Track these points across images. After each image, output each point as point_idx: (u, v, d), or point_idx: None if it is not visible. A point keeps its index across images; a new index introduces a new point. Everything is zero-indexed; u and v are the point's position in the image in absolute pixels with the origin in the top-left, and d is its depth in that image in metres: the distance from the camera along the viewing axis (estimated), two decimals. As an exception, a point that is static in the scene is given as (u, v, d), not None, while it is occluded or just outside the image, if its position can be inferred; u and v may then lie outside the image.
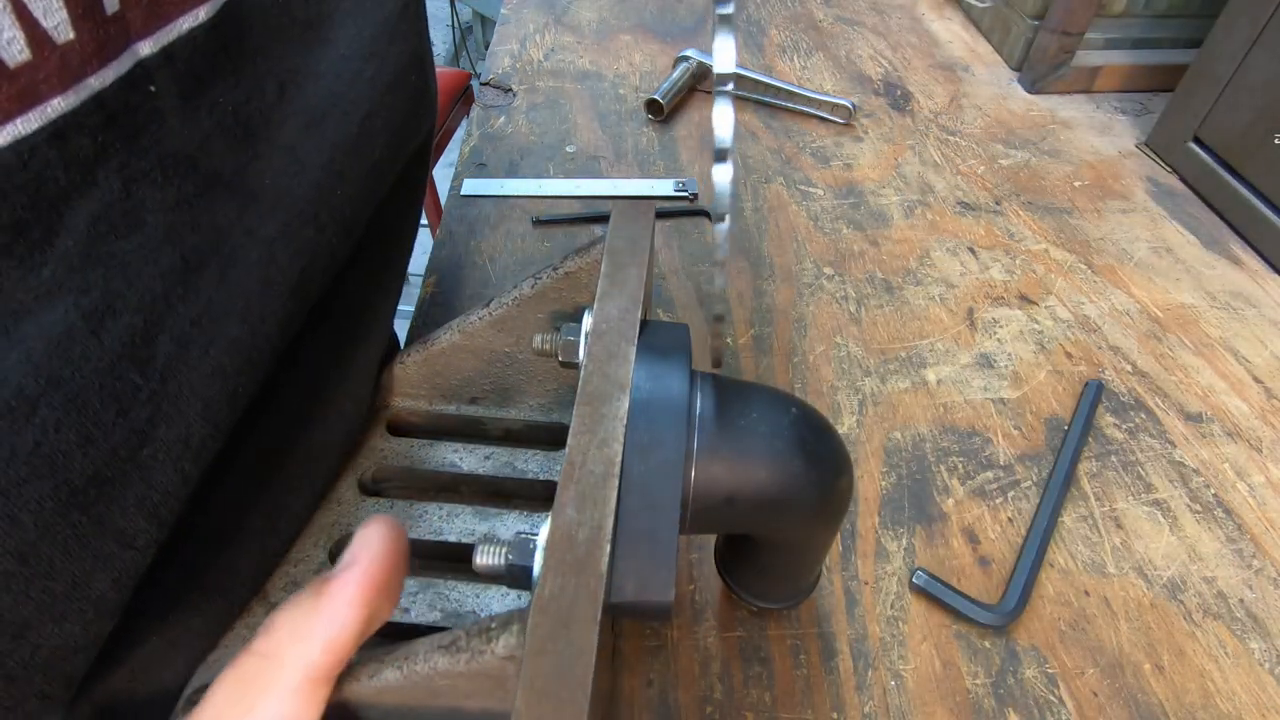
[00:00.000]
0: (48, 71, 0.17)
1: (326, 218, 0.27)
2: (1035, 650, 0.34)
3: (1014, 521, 0.38)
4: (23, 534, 0.18)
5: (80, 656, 0.21)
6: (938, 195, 0.59)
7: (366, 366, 0.35)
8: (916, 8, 0.83)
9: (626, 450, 0.23)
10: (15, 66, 0.16)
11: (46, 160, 0.18)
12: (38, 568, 0.19)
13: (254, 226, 0.24)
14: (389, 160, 0.32)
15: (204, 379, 0.23)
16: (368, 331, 0.35)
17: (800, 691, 0.32)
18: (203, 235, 0.23)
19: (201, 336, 0.23)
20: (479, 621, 0.21)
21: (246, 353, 0.24)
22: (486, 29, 2.10)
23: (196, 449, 0.23)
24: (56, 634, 0.20)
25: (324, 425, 0.33)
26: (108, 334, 0.20)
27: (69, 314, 0.19)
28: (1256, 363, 0.47)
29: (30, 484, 0.18)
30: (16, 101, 0.17)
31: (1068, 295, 0.51)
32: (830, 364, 0.46)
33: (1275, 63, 0.53)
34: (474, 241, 0.52)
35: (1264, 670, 0.34)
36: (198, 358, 0.23)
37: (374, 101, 0.30)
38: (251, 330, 0.24)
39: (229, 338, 0.24)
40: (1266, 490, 0.41)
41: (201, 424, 0.23)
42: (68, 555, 0.19)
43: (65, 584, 0.20)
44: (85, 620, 0.20)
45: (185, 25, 0.21)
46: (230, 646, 0.30)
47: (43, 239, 0.18)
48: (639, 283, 0.28)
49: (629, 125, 0.63)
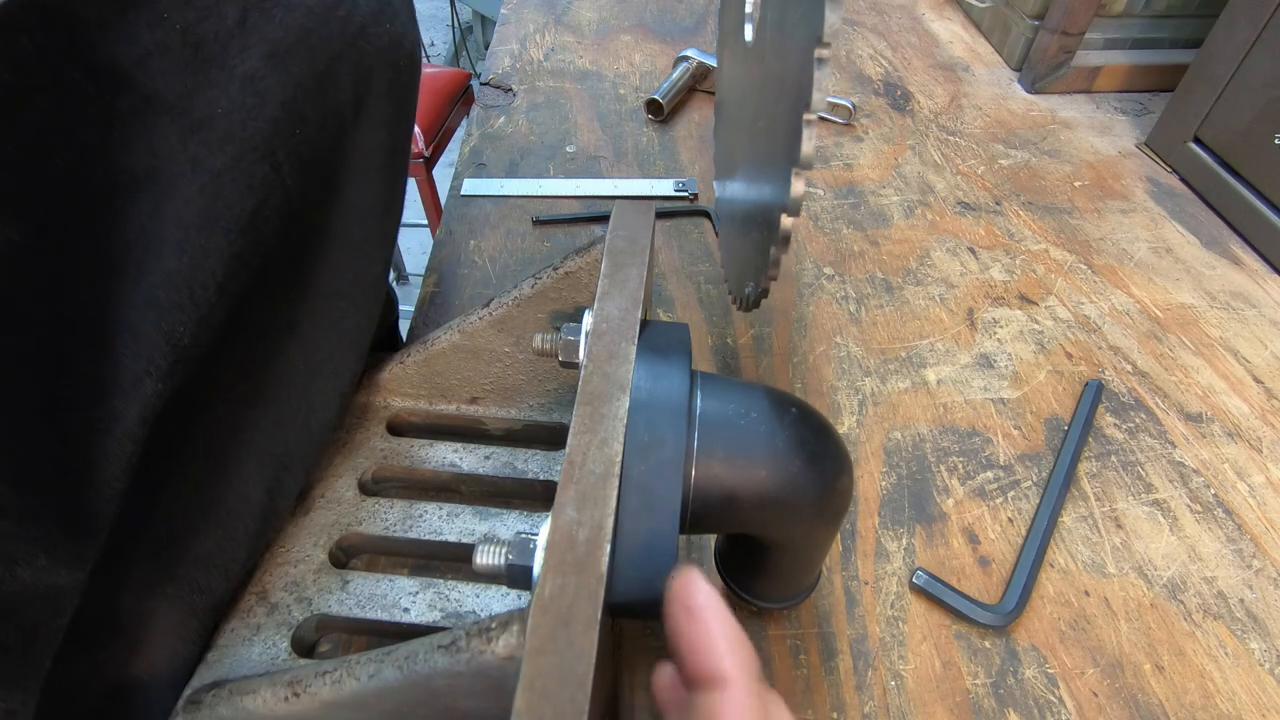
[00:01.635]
0: None
1: (283, 156, 0.26)
2: (1035, 650, 0.34)
3: (1014, 521, 0.38)
4: None
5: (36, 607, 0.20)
6: (938, 195, 0.59)
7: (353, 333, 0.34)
8: (916, 8, 0.83)
9: (626, 450, 0.23)
10: None
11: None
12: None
13: (199, 156, 0.23)
14: (355, 108, 0.31)
15: (135, 310, 0.22)
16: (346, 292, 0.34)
17: (800, 691, 0.32)
18: (138, 158, 0.22)
19: (131, 266, 0.22)
20: (479, 621, 0.21)
21: (185, 288, 0.23)
22: (486, 29, 2.10)
23: (130, 383, 0.22)
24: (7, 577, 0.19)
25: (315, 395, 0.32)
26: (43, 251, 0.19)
27: (8, 228, 0.18)
28: (1256, 363, 0.47)
29: None
30: None
31: (1068, 295, 0.51)
32: (830, 364, 0.46)
33: (1275, 63, 0.53)
34: (474, 241, 0.52)
35: (1264, 670, 0.34)
36: (128, 287, 0.22)
37: (344, 43, 0.29)
38: (191, 265, 0.23)
39: (164, 269, 0.22)
40: (1266, 490, 0.41)
41: (132, 357, 0.22)
42: (15, 490, 0.19)
43: (12, 521, 0.19)
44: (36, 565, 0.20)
45: None
46: (228, 646, 0.30)
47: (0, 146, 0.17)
48: (639, 283, 0.28)
49: (629, 125, 0.63)
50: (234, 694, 0.27)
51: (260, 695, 0.26)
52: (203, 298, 0.24)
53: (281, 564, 0.32)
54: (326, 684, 0.24)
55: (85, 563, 0.22)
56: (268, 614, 0.31)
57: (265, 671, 0.28)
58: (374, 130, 0.32)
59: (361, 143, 0.31)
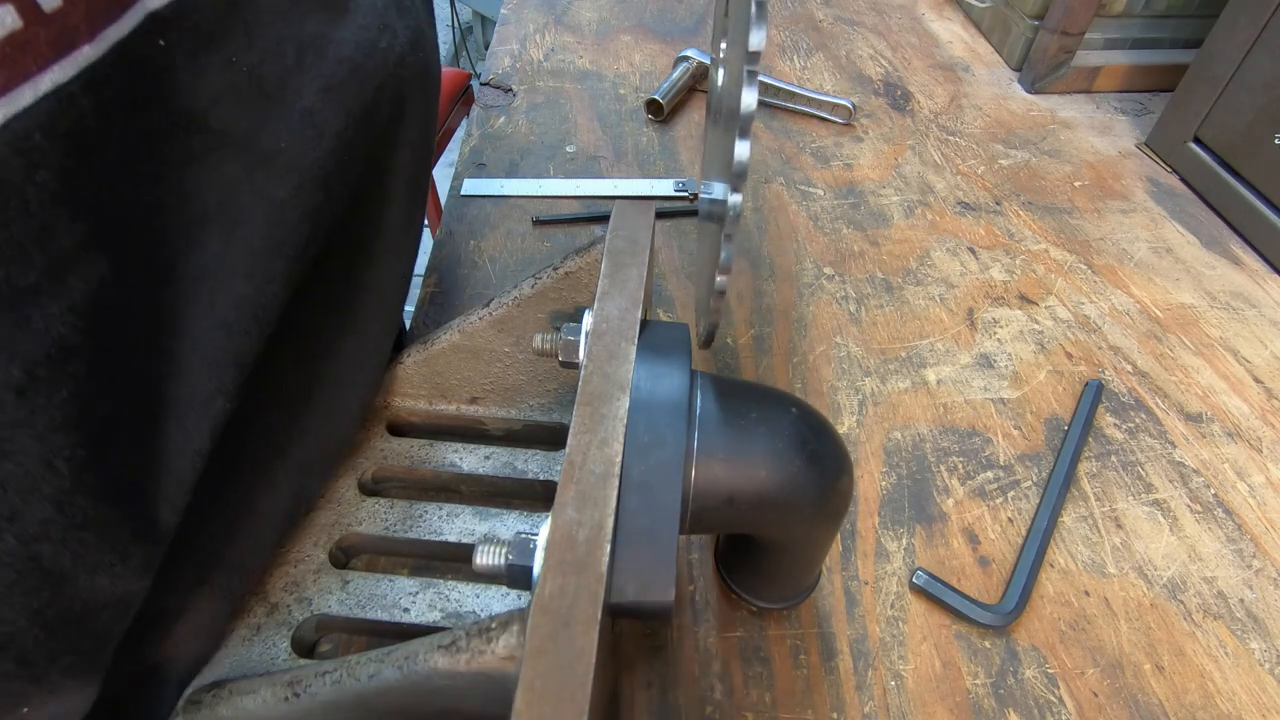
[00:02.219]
0: (77, 19, 0.18)
1: (336, 184, 0.28)
2: (1035, 650, 0.34)
3: (1014, 521, 0.38)
4: (59, 481, 0.19)
5: (109, 613, 0.21)
6: (938, 195, 0.59)
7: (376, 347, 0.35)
8: (916, 8, 0.83)
9: (626, 450, 0.23)
10: (50, 11, 0.17)
11: (82, 110, 0.18)
12: (73, 517, 0.19)
13: (264, 187, 0.25)
14: (393, 134, 0.32)
15: (208, 334, 0.23)
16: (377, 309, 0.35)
17: (800, 691, 0.32)
18: (211, 192, 0.23)
19: (205, 292, 0.23)
20: (479, 621, 0.21)
21: (252, 311, 0.25)
22: (486, 29, 2.10)
23: (201, 405, 0.23)
24: (89, 586, 0.20)
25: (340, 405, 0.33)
26: (131, 285, 0.20)
27: (101, 265, 0.19)
28: (1256, 363, 0.47)
29: (63, 432, 0.19)
30: (54, 48, 0.17)
31: (1068, 295, 0.51)
32: (830, 364, 0.46)
33: (1275, 63, 0.53)
34: (474, 241, 0.52)
35: (1264, 670, 0.34)
36: (202, 312, 0.23)
37: (386, 73, 0.30)
38: (257, 289, 0.25)
39: (234, 295, 0.24)
40: (1266, 490, 0.41)
41: (206, 378, 0.23)
42: (96, 504, 0.20)
43: (94, 533, 0.20)
44: (113, 573, 0.21)
45: None
46: (228, 646, 0.30)
47: (85, 188, 0.18)
48: (639, 283, 0.28)
49: (629, 125, 0.63)
50: (234, 694, 0.27)
51: (260, 695, 0.26)
52: (266, 319, 0.25)
53: (281, 564, 0.32)
54: (326, 684, 0.24)
55: (151, 570, 0.23)
56: (268, 614, 0.31)
57: (265, 671, 0.28)
58: (403, 152, 0.34)
59: (392, 165, 0.33)
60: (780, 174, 0.60)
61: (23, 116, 0.17)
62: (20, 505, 0.18)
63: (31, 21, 0.17)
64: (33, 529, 0.18)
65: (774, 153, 0.62)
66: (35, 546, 0.18)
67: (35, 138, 0.17)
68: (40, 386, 0.18)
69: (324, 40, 0.27)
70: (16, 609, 0.18)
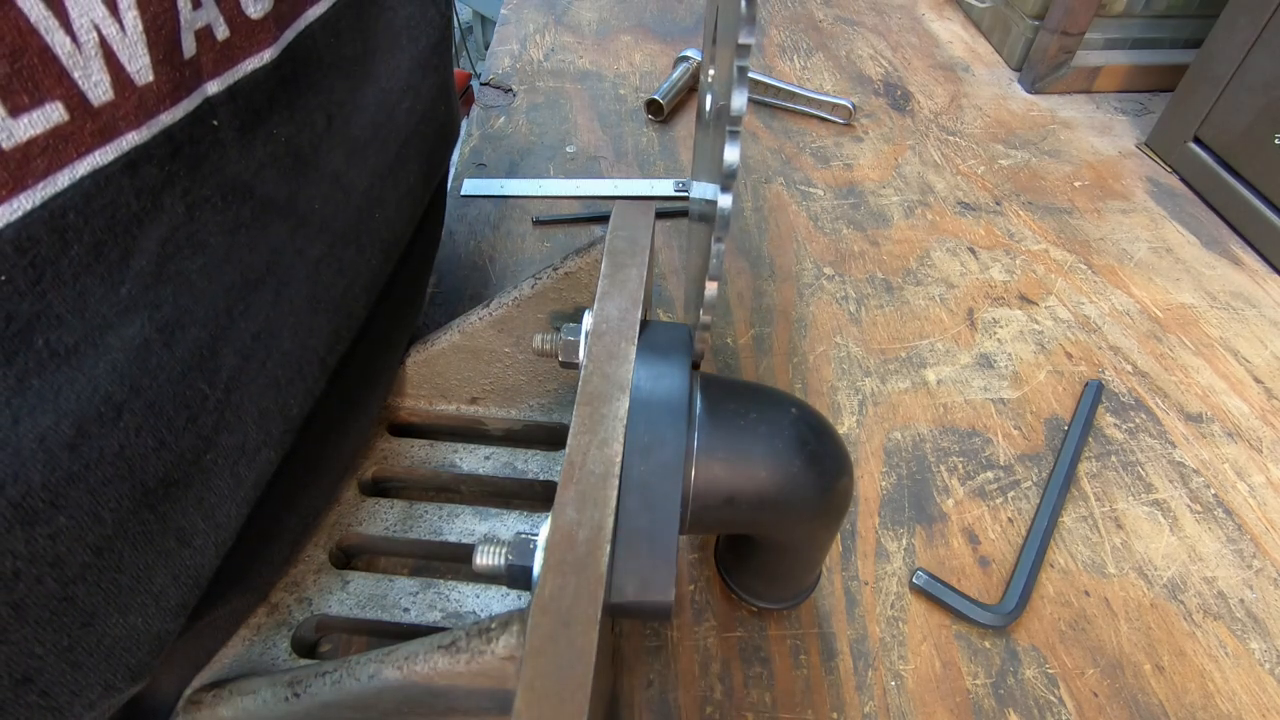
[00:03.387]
0: (127, 110, 0.19)
1: (366, 239, 0.29)
2: (1035, 650, 0.34)
3: (1014, 521, 0.38)
4: (102, 529, 0.19)
5: (141, 650, 0.22)
6: (938, 195, 0.59)
7: (388, 372, 0.37)
8: (916, 8, 0.83)
9: (626, 450, 0.23)
10: (99, 105, 0.18)
11: (120, 188, 0.19)
12: (109, 561, 0.20)
13: (303, 248, 0.26)
14: (422, 185, 0.34)
15: (261, 390, 0.24)
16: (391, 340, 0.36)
17: (800, 691, 0.32)
18: (259, 255, 0.24)
19: (260, 350, 0.24)
20: (479, 621, 0.21)
21: (297, 365, 0.26)
22: (486, 29, 2.10)
23: (250, 455, 0.24)
24: (120, 624, 0.21)
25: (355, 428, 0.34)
26: (179, 345, 0.21)
27: (145, 327, 0.20)
28: (1256, 363, 0.47)
29: (113, 484, 0.19)
30: (98, 137, 0.18)
31: (1068, 295, 0.51)
32: (830, 364, 0.46)
33: (1275, 63, 0.53)
34: (474, 241, 0.52)
35: (1264, 670, 0.34)
36: (256, 370, 0.24)
37: (409, 131, 0.32)
38: (300, 345, 0.26)
39: (282, 351, 0.25)
40: (1266, 490, 0.41)
41: (256, 431, 0.24)
42: (135, 550, 0.21)
43: (130, 577, 0.21)
44: (147, 613, 0.22)
45: (250, 66, 0.23)
46: (231, 647, 0.30)
47: (120, 259, 0.19)
48: (639, 283, 0.28)
49: (629, 125, 0.63)
50: (234, 694, 0.27)
51: (260, 695, 0.26)
52: (309, 372, 0.27)
53: (281, 564, 0.32)
54: (326, 684, 0.24)
55: (188, 610, 0.23)
56: (268, 614, 0.31)
57: (265, 671, 0.28)
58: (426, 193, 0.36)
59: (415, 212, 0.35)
60: (780, 174, 0.60)
61: (59, 197, 0.17)
62: (65, 553, 0.19)
63: (79, 115, 0.17)
64: (71, 572, 0.19)
65: (774, 153, 0.62)
66: (71, 588, 0.19)
67: (70, 216, 0.18)
68: (91, 442, 0.19)
69: (349, 106, 0.28)
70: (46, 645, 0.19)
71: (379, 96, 0.30)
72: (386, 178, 0.30)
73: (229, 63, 0.22)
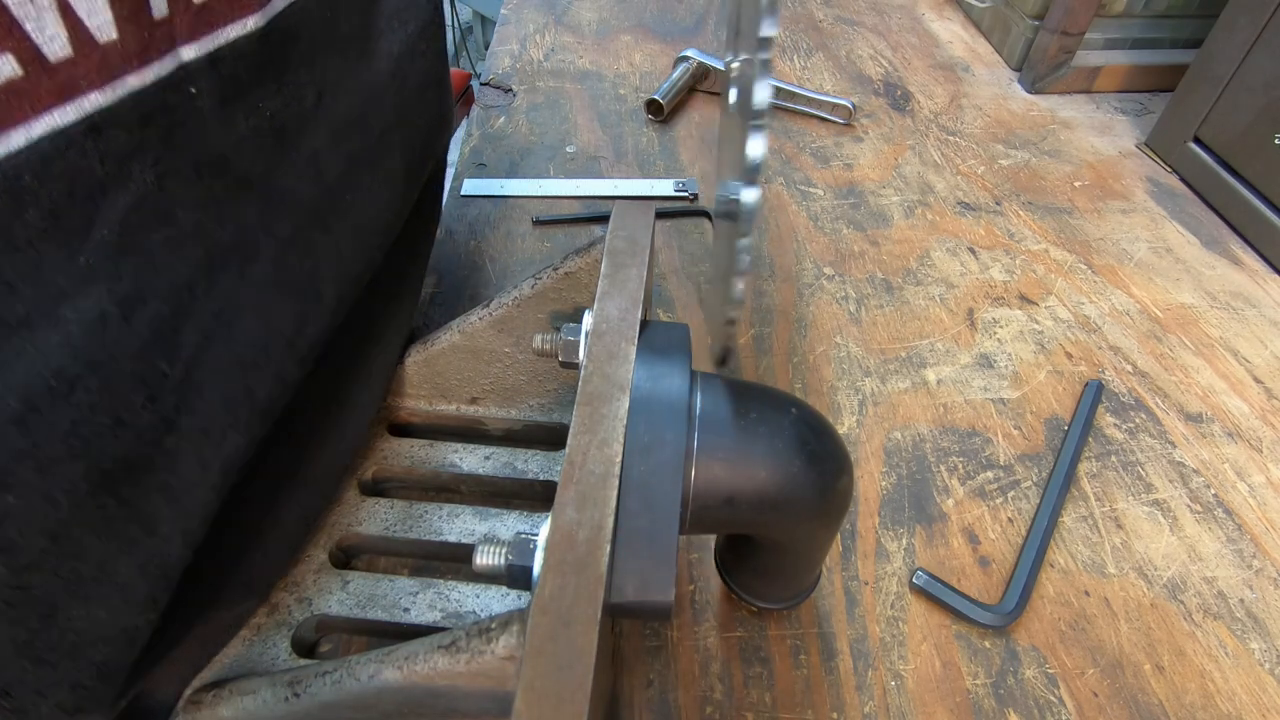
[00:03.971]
0: (88, 68, 0.18)
1: (334, 221, 0.28)
2: (1035, 650, 0.34)
3: (1014, 521, 0.38)
4: (56, 512, 0.19)
5: (110, 647, 0.21)
6: (938, 195, 0.59)
7: (383, 370, 0.36)
8: (916, 8, 0.83)
9: (626, 450, 0.23)
10: (56, 61, 0.17)
11: (83, 152, 0.18)
12: (67, 547, 0.19)
13: (272, 226, 0.25)
14: (405, 173, 0.33)
15: (224, 371, 0.23)
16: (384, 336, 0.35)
17: (800, 691, 0.32)
18: (227, 231, 0.23)
19: (223, 329, 0.23)
20: (479, 621, 0.21)
21: (262, 346, 0.25)
22: (486, 29, 2.10)
23: (216, 440, 0.23)
24: (84, 617, 0.20)
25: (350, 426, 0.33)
26: (138, 320, 0.20)
27: (103, 300, 0.19)
28: (1256, 363, 0.47)
29: (65, 463, 0.19)
30: (54, 95, 0.17)
31: (1068, 295, 0.51)
32: (830, 364, 0.46)
33: (1275, 63, 0.53)
34: (474, 241, 0.52)
35: (1264, 670, 0.34)
36: (220, 350, 0.23)
37: (393, 118, 0.31)
38: (264, 325, 0.25)
39: (245, 331, 0.24)
40: (1266, 490, 0.40)
41: (222, 414, 0.23)
42: (95, 537, 0.20)
43: (92, 566, 0.20)
44: (112, 606, 0.21)
45: (233, 33, 0.22)
46: (231, 647, 0.30)
47: (80, 227, 0.19)
48: (639, 283, 0.28)
49: (629, 125, 0.63)
50: (234, 694, 0.27)
51: (260, 695, 0.26)
52: (275, 355, 0.26)
53: (281, 564, 0.32)
54: (326, 684, 0.24)
55: (159, 604, 0.23)
56: (268, 614, 0.31)
57: (265, 671, 0.28)
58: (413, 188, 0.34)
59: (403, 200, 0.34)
60: (780, 174, 0.60)
61: (13, 158, 0.17)
62: (16, 537, 0.18)
63: (33, 70, 0.17)
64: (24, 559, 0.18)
65: (774, 153, 0.62)
66: (26, 576, 0.18)
67: (25, 179, 0.17)
68: (41, 418, 0.18)
69: (340, 86, 0.27)
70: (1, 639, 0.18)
71: (369, 79, 0.29)
72: (364, 162, 0.29)
73: (208, 27, 0.21)
